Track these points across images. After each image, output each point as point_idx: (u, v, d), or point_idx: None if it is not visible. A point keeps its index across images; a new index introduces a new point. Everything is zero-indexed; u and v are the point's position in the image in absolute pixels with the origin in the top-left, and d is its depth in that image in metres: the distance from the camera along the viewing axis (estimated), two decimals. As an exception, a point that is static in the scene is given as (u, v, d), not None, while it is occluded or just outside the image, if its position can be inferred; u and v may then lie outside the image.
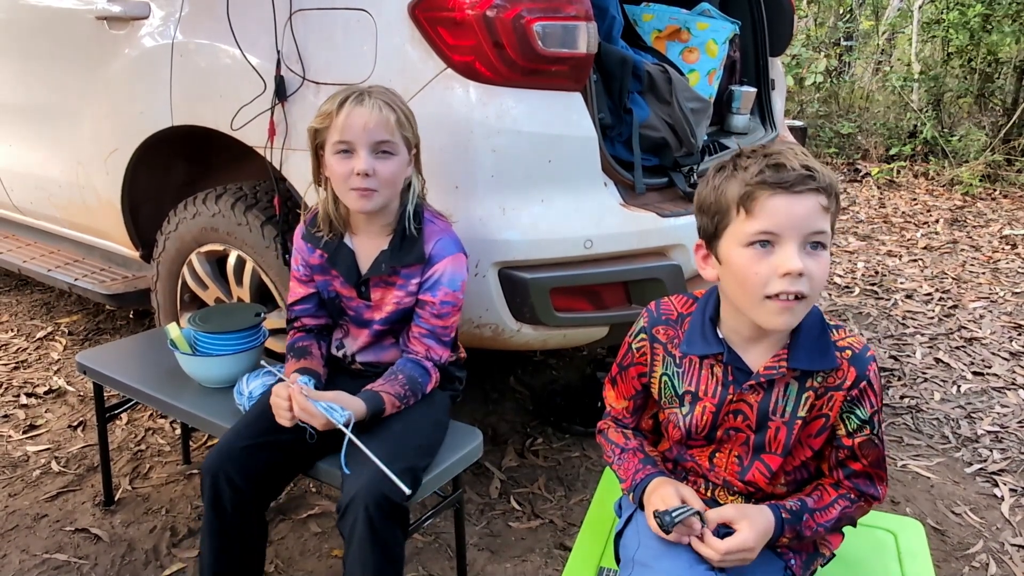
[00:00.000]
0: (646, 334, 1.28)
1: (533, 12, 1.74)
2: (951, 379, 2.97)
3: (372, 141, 1.54)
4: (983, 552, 2.04)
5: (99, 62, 2.38)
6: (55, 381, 2.80)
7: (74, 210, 2.73)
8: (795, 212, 1.06)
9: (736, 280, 1.12)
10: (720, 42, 2.66)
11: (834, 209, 1.10)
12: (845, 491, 1.22)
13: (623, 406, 1.37)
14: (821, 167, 1.09)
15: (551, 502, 2.20)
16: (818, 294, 1.10)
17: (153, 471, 2.30)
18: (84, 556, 1.95)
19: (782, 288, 1.06)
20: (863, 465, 1.20)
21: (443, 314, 1.63)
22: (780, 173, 1.07)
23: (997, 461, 2.44)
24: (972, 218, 5.19)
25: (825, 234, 1.08)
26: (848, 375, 1.16)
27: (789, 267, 1.05)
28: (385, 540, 1.42)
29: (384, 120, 1.54)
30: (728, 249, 1.13)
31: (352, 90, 1.57)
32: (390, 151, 1.56)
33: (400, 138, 1.57)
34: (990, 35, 6.22)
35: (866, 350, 1.17)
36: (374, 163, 1.54)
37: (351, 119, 1.53)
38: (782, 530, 1.16)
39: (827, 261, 1.10)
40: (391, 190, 1.59)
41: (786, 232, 1.07)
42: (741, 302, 1.13)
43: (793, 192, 1.06)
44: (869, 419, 1.17)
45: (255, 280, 2.21)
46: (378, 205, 1.59)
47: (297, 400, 1.49)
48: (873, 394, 1.17)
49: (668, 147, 2.16)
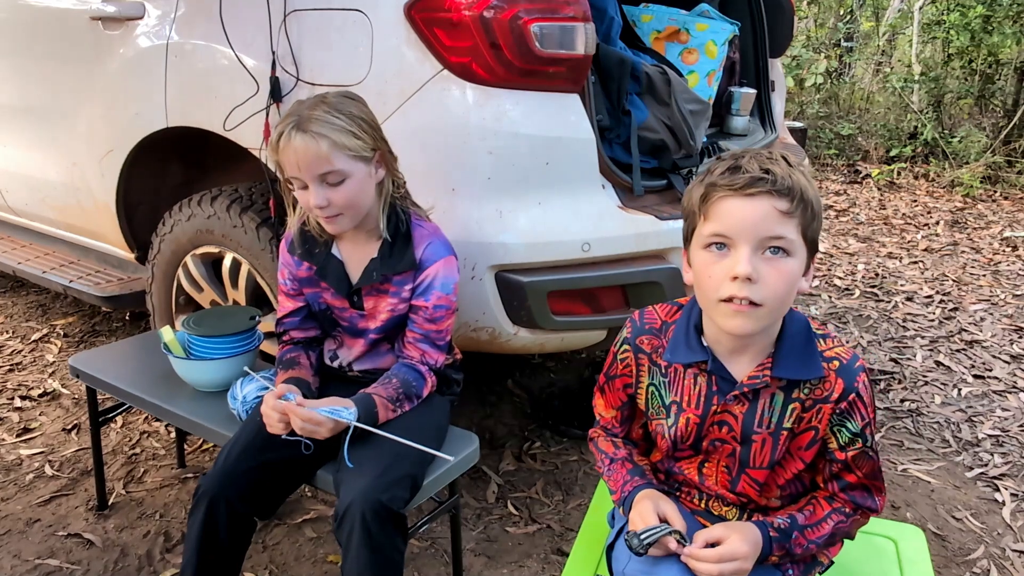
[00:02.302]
0: (629, 345, 1.26)
1: (530, 13, 1.73)
2: (952, 382, 2.95)
3: (315, 175, 1.49)
4: (984, 558, 2.02)
5: (94, 63, 2.37)
6: (49, 384, 2.78)
7: (69, 212, 2.71)
8: (746, 215, 1.04)
9: (696, 282, 1.12)
10: (719, 43, 2.64)
11: (801, 214, 1.05)
12: (840, 504, 1.19)
13: (612, 416, 1.34)
14: (787, 170, 1.05)
15: (548, 507, 2.18)
16: (778, 302, 1.07)
17: (147, 475, 2.29)
18: (76, 561, 1.93)
19: (732, 292, 1.05)
20: (858, 477, 1.18)
21: (437, 318, 1.62)
22: (733, 175, 1.05)
23: (998, 465, 2.43)
24: (972, 220, 5.17)
25: (784, 239, 1.05)
26: (836, 387, 1.13)
27: (736, 271, 1.04)
28: (383, 548, 1.40)
29: (316, 152, 1.46)
30: (693, 252, 1.13)
31: (290, 119, 1.48)
32: (338, 178, 1.49)
33: (345, 160, 1.48)
34: (991, 36, 6.20)
35: (855, 360, 1.14)
36: (327, 193, 1.49)
37: (286, 155, 1.48)
38: (770, 549, 1.14)
39: (788, 269, 1.06)
40: (355, 210, 1.55)
41: (737, 235, 1.05)
42: (702, 304, 1.14)
43: (744, 194, 1.04)
44: (860, 432, 1.15)
45: (250, 283, 2.19)
46: (349, 225, 1.56)
47: (298, 414, 1.45)
48: (863, 406, 1.14)
49: (667, 149, 2.15)
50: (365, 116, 1.53)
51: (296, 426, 1.47)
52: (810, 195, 1.07)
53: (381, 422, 1.54)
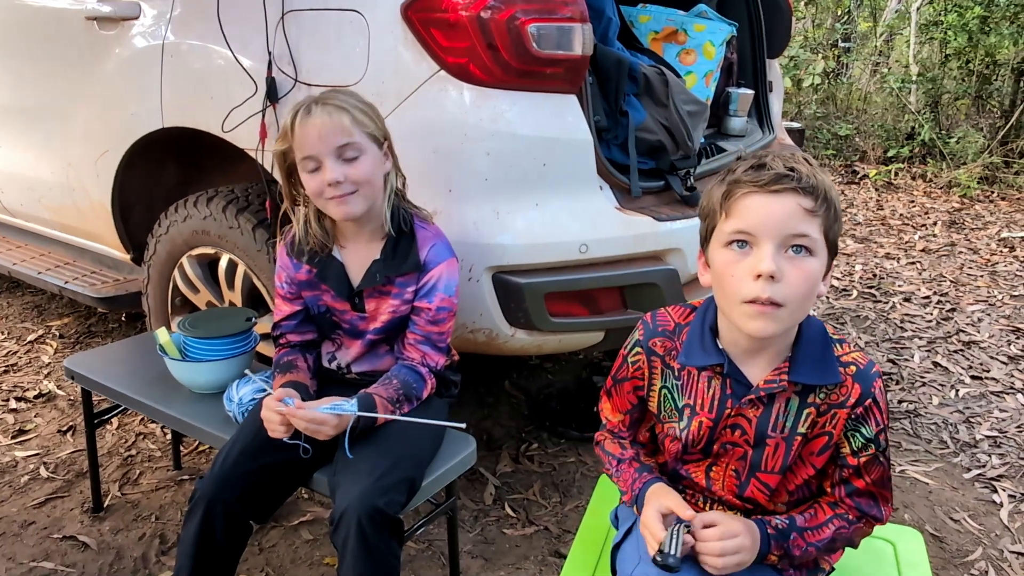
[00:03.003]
0: (642, 347, 1.24)
1: (528, 13, 1.72)
2: (949, 383, 2.95)
3: (333, 147, 1.49)
4: (982, 559, 2.02)
5: (89, 63, 2.36)
6: (45, 385, 2.77)
7: (65, 212, 2.70)
8: (771, 211, 1.03)
9: (716, 282, 1.11)
10: (717, 44, 2.64)
11: (824, 214, 1.05)
12: (844, 511, 1.18)
13: (619, 419, 1.33)
14: (811, 171, 1.05)
15: (546, 508, 2.17)
16: (799, 303, 1.06)
17: (143, 477, 2.28)
18: (71, 564, 1.92)
19: (755, 294, 1.03)
20: (866, 483, 1.17)
21: (439, 320, 1.61)
22: (758, 172, 1.04)
23: (996, 466, 2.42)
24: (970, 220, 5.17)
25: (808, 238, 1.04)
26: (852, 392, 1.12)
27: (760, 268, 1.02)
28: (379, 552, 1.40)
29: (337, 124, 1.49)
30: (713, 251, 1.11)
31: (302, 103, 1.53)
32: (356, 153, 1.51)
33: (362, 136, 1.52)
34: (988, 37, 6.21)
35: (871, 366, 1.14)
36: (343, 169, 1.50)
37: (305, 131, 1.50)
38: (768, 547, 1.13)
39: (810, 269, 1.05)
40: (370, 189, 1.54)
41: (761, 232, 1.04)
42: (722, 305, 1.12)
43: (769, 191, 1.04)
44: (875, 437, 1.14)
45: (247, 284, 2.18)
46: (361, 207, 1.54)
47: (300, 416, 1.45)
48: (879, 411, 1.13)
49: (664, 150, 2.14)
50: (373, 107, 1.59)
51: (300, 427, 1.46)
52: (833, 195, 1.07)
53: (381, 422, 1.53)
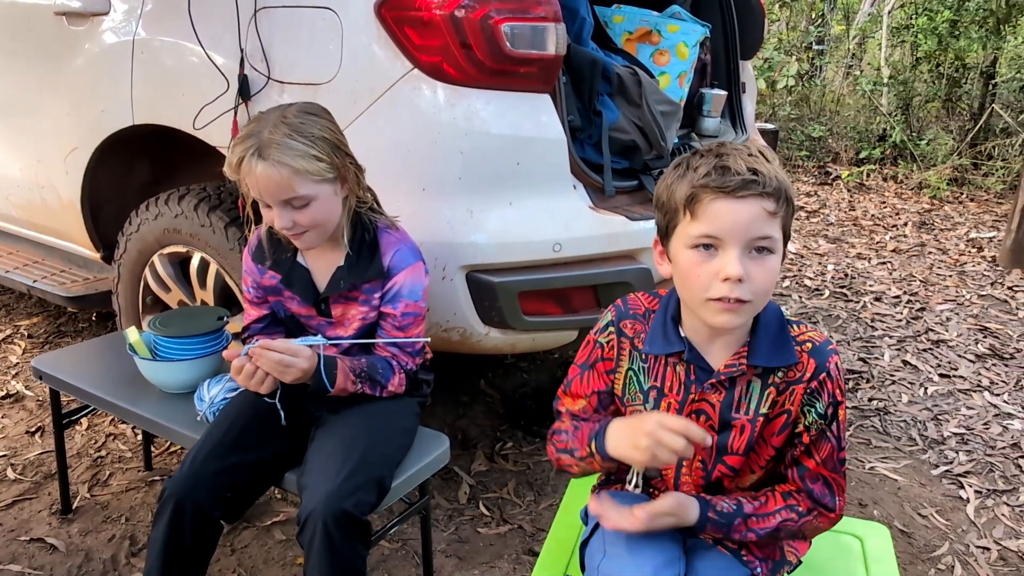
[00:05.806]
0: (614, 327, 1.26)
1: (501, 13, 1.72)
2: (918, 381, 2.99)
3: (279, 200, 1.46)
4: (949, 554, 2.05)
5: (58, 59, 2.32)
6: (13, 385, 2.73)
7: (34, 210, 2.66)
8: (737, 217, 1.05)
9: (681, 280, 1.13)
10: (691, 45, 2.65)
11: (784, 212, 1.08)
12: (795, 502, 1.19)
13: (581, 406, 1.29)
14: (770, 169, 1.07)
15: (520, 507, 2.18)
16: (763, 297, 1.10)
17: (113, 478, 2.25)
18: (39, 567, 1.90)
19: (723, 293, 1.06)
20: (816, 463, 1.18)
21: (405, 325, 1.60)
22: (724, 177, 1.06)
23: (963, 463, 2.46)
24: (939, 221, 5.25)
25: (770, 239, 1.07)
26: (808, 367, 1.15)
27: (728, 272, 1.05)
28: (345, 556, 1.39)
29: (279, 180, 1.43)
30: (676, 249, 1.13)
31: (251, 142, 1.44)
32: (303, 203, 1.47)
33: (309, 186, 1.45)
34: (958, 41, 6.31)
35: (827, 343, 1.16)
36: (292, 216, 1.47)
37: (251, 179, 1.45)
38: (703, 527, 1.17)
39: (773, 266, 1.08)
40: (322, 228, 1.53)
41: (728, 237, 1.06)
42: (686, 299, 1.15)
43: (736, 197, 1.05)
44: (824, 412, 1.16)
45: (219, 283, 2.16)
46: (317, 241, 1.55)
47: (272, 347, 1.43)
48: (832, 384, 1.15)
49: (638, 150, 2.15)
50: (328, 135, 1.48)
51: (272, 362, 1.43)
52: (791, 191, 1.09)
53: (339, 387, 1.51)
